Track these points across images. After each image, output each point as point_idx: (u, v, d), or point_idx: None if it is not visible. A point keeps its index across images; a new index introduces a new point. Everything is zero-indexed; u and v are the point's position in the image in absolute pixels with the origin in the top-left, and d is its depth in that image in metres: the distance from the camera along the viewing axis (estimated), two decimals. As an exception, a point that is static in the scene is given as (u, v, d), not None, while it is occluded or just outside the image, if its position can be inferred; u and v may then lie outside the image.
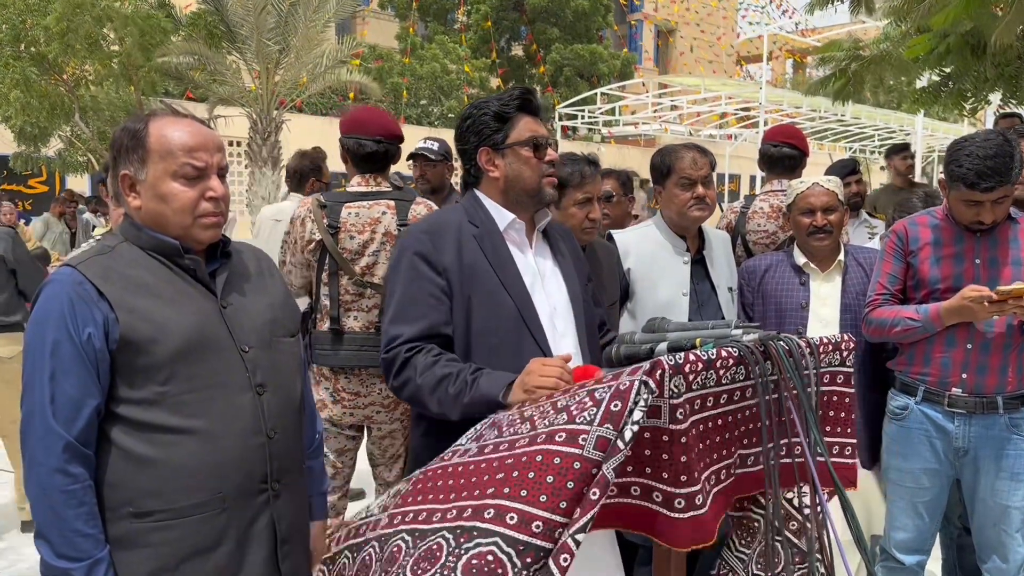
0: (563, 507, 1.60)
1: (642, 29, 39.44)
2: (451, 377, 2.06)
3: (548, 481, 1.63)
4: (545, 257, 2.38)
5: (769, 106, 19.20)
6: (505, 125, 2.27)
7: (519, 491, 1.64)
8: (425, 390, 2.09)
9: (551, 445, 1.67)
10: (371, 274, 3.34)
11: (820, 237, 3.22)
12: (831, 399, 2.14)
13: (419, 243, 2.22)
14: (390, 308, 2.22)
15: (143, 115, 1.90)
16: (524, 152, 2.27)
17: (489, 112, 2.28)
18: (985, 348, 2.87)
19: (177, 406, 1.78)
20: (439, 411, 2.10)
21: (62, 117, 12.66)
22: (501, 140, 2.27)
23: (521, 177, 2.28)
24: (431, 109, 25.85)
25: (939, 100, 7.43)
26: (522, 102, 2.28)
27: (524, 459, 1.68)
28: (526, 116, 2.29)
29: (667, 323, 2.15)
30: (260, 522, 1.89)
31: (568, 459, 1.64)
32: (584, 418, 1.67)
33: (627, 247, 3.18)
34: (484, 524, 1.64)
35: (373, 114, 3.50)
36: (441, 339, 2.17)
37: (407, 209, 3.36)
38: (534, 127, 2.29)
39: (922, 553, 3.10)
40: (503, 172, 2.29)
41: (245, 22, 12.68)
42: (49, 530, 1.71)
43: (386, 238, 3.33)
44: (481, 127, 2.29)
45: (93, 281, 1.76)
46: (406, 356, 2.14)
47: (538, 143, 2.27)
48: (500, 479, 1.69)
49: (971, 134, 2.85)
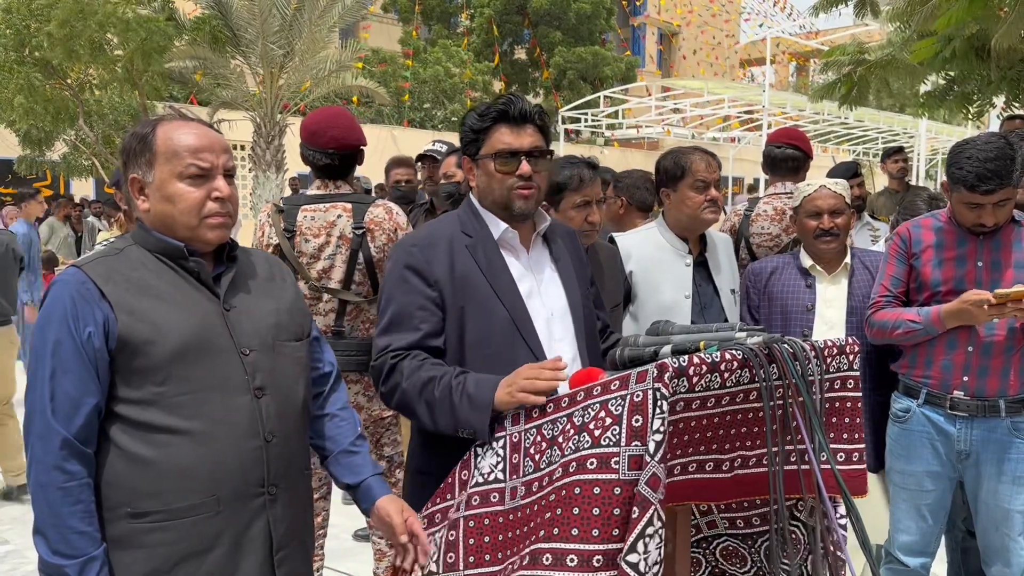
0: (615, 535, 1.67)
1: (645, 32, 39.46)
2: (436, 380, 2.05)
3: (595, 514, 1.68)
4: (543, 263, 2.35)
5: (772, 109, 19.21)
6: (480, 136, 2.24)
7: (569, 531, 1.70)
8: (411, 393, 2.08)
9: (585, 475, 1.71)
10: (328, 278, 3.29)
11: (827, 240, 3.21)
12: (841, 405, 2.12)
13: (410, 256, 2.21)
14: (382, 319, 2.22)
15: (152, 120, 1.92)
16: (490, 165, 2.23)
17: (467, 122, 2.27)
18: (987, 351, 2.87)
19: (173, 407, 1.79)
20: (427, 417, 2.07)
21: (66, 121, 12.71)
22: (475, 151, 2.26)
23: (490, 189, 2.25)
24: (434, 113, 25.87)
25: (944, 104, 7.43)
26: (499, 112, 2.22)
27: (564, 493, 1.73)
28: (502, 127, 2.21)
29: (671, 326, 2.15)
30: (256, 526, 1.88)
31: (607, 487, 1.69)
32: (609, 439, 1.71)
33: (629, 250, 3.17)
34: (545, 572, 1.70)
35: (326, 123, 3.33)
36: (431, 351, 2.16)
37: (363, 212, 3.29)
38: (508, 139, 2.21)
39: (926, 555, 3.10)
40: (477, 183, 2.29)
41: (249, 26, 12.72)
42: (46, 526, 1.73)
43: (341, 241, 3.27)
44: (463, 136, 2.29)
45: (96, 281, 1.78)
46: (392, 362, 2.14)
47: (506, 156, 2.21)
48: (548, 519, 1.74)
49: (972, 136, 2.85)
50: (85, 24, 11.13)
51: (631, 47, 36.17)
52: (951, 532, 3.61)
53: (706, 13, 40.17)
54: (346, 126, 3.34)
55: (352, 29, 27.52)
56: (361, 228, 3.26)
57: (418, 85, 24.99)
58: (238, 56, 13.35)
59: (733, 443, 1.96)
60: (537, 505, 1.80)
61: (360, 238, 3.26)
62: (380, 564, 3.50)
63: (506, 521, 1.87)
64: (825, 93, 7.96)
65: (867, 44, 8.07)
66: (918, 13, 6.32)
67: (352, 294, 3.28)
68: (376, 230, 3.27)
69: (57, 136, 13.35)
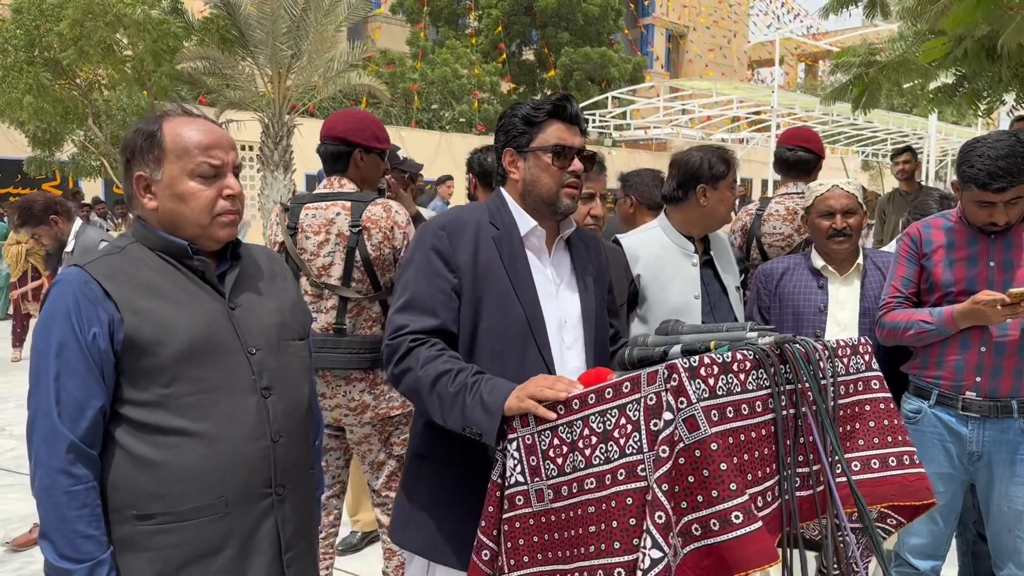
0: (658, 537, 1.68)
1: (653, 33, 39.39)
2: (451, 374, 2.03)
3: (632, 524, 1.72)
4: (563, 268, 2.34)
5: (781, 110, 19.17)
6: (532, 128, 2.24)
7: (612, 544, 1.73)
8: (424, 382, 2.06)
9: (617, 487, 1.74)
10: (328, 275, 3.32)
11: (839, 240, 3.19)
12: (874, 407, 2.06)
13: (436, 239, 2.19)
14: (400, 298, 2.20)
15: (156, 116, 1.90)
16: (545, 158, 2.23)
17: (520, 114, 2.26)
18: (999, 351, 2.84)
19: (181, 408, 1.77)
20: (437, 409, 2.05)
21: (75, 122, 12.77)
22: (525, 143, 2.25)
23: (539, 183, 2.24)
24: (442, 114, 25.87)
25: (953, 101, 7.39)
26: (555, 108, 2.24)
27: (603, 507, 1.76)
28: (557, 122, 2.24)
29: (680, 326, 2.13)
30: (264, 527, 1.87)
31: (638, 495, 1.72)
32: (632, 447, 1.72)
33: (635, 251, 3.15)
34: None
35: (332, 117, 3.48)
36: (446, 336, 2.15)
37: (362, 210, 3.32)
38: (562, 135, 2.23)
39: (937, 559, 3.07)
40: (522, 175, 2.26)
41: (258, 27, 12.72)
42: (52, 530, 1.71)
43: (339, 239, 3.30)
44: (510, 127, 2.27)
45: (100, 281, 1.76)
46: (410, 346, 2.11)
47: (562, 151, 2.23)
48: (592, 534, 1.77)
49: (983, 135, 2.83)
50: (95, 24, 11.17)
51: (639, 48, 36.12)
52: (962, 535, 3.59)
53: (715, 14, 40.11)
54: (338, 119, 3.42)
55: (361, 30, 27.58)
56: (358, 226, 3.29)
57: (426, 86, 25.00)
58: (246, 56, 13.37)
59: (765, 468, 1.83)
60: (573, 512, 1.80)
61: (357, 236, 3.28)
62: (390, 563, 3.49)
63: (538, 524, 1.86)
64: (837, 95, 7.91)
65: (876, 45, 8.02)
66: (928, 12, 6.28)
67: (352, 291, 3.30)
68: (372, 228, 3.28)
69: (66, 136, 13.40)
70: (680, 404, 1.67)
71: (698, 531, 1.63)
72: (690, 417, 1.67)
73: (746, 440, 1.78)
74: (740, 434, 1.77)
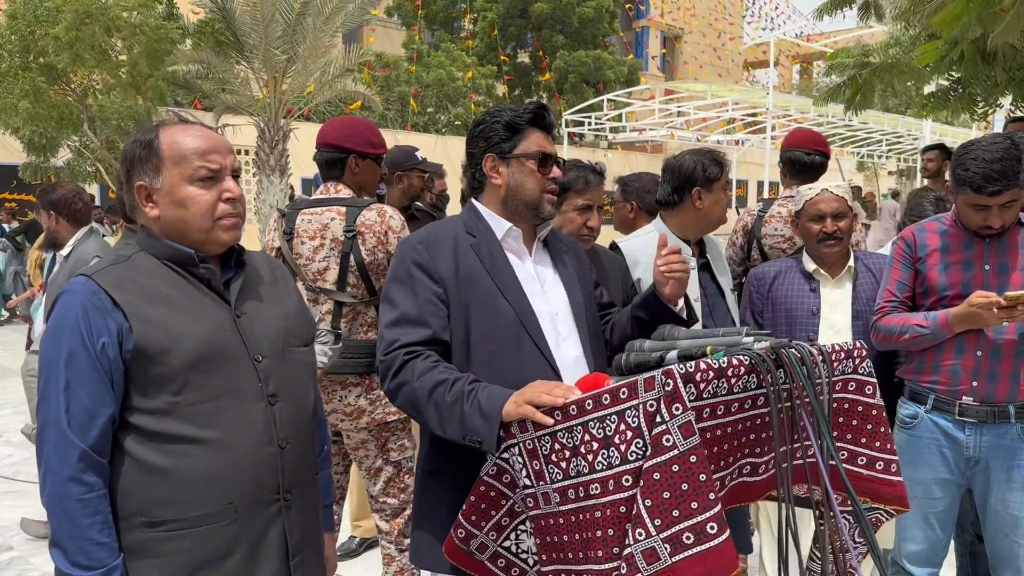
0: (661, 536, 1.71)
1: (648, 35, 39.45)
2: (448, 384, 2.05)
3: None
4: (545, 264, 2.38)
5: (776, 111, 19.21)
6: (515, 135, 2.29)
7: (611, 550, 1.77)
8: (421, 394, 2.07)
9: (623, 493, 1.76)
10: (323, 279, 3.35)
11: (830, 244, 3.20)
12: (867, 409, 2.11)
13: (415, 253, 2.23)
14: (388, 314, 2.22)
15: (152, 126, 1.92)
16: (530, 164, 2.28)
17: (501, 120, 2.30)
18: (996, 355, 2.84)
19: (190, 416, 1.79)
20: (435, 419, 2.05)
21: (71, 127, 12.74)
22: (508, 149, 2.29)
23: (523, 188, 2.29)
24: (438, 117, 25.88)
25: (948, 105, 7.41)
26: (535, 116, 2.31)
27: (609, 512, 1.77)
28: (537, 131, 2.31)
29: (677, 331, 2.14)
30: (272, 533, 1.89)
31: None
32: (635, 453, 1.73)
33: (635, 256, 3.16)
34: None
35: (325, 125, 3.55)
36: (439, 346, 2.17)
37: (356, 215, 3.34)
38: (543, 143, 2.31)
39: (933, 565, 3.06)
40: (505, 181, 2.30)
41: (253, 31, 12.72)
42: (64, 538, 1.72)
43: (334, 244, 3.33)
44: (491, 133, 2.31)
45: (108, 290, 1.77)
46: (404, 359, 2.13)
47: (545, 158, 2.29)
48: (599, 538, 1.79)
49: (978, 138, 2.84)
50: (91, 28, 11.15)
51: (634, 50, 36.17)
52: (960, 537, 3.58)
53: (709, 16, 40.17)
54: (333, 126, 3.49)
55: (356, 34, 27.57)
56: (351, 231, 3.31)
57: (421, 89, 25.00)
58: (242, 61, 13.37)
59: (743, 451, 1.94)
60: (583, 516, 1.81)
61: (351, 240, 3.30)
62: (389, 568, 3.49)
63: (548, 525, 1.89)
64: (830, 96, 7.93)
65: (869, 46, 8.05)
66: (920, 12, 6.29)
67: (347, 296, 3.31)
68: (367, 233, 3.30)
69: (61, 142, 13.37)
70: (675, 411, 1.69)
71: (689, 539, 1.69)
72: (686, 423, 1.68)
73: (721, 435, 1.85)
74: (717, 430, 1.84)
